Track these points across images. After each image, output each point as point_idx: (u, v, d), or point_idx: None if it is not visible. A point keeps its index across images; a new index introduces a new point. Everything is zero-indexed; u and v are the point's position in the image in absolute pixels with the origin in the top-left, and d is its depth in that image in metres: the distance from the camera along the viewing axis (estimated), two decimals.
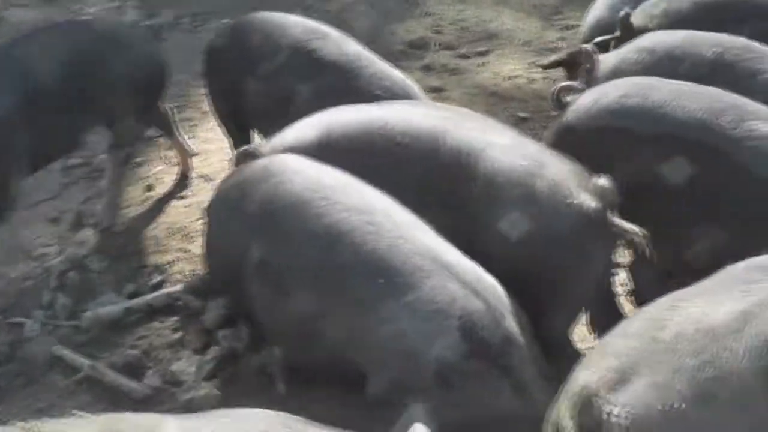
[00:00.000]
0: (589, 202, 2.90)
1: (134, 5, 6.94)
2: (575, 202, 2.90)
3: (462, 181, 2.98)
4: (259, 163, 3.15)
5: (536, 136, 4.56)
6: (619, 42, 4.06)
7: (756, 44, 3.66)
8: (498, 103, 5.20)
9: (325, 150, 3.15)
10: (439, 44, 5.93)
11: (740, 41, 3.69)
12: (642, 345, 2.15)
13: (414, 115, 3.22)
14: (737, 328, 2.02)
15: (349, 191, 2.86)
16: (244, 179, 3.12)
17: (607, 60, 3.84)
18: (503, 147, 3.04)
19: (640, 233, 2.87)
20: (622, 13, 4.23)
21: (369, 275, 2.66)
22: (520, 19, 6.30)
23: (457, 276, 2.64)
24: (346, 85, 3.74)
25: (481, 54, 5.73)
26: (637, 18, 4.22)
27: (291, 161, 3.06)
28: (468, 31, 6.12)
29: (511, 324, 2.63)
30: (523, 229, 2.89)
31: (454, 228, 2.87)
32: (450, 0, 6.57)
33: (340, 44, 3.95)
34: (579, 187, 2.94)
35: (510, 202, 2.92)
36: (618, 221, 2.90)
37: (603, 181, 2.95)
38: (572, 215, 2.89)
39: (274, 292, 2.84)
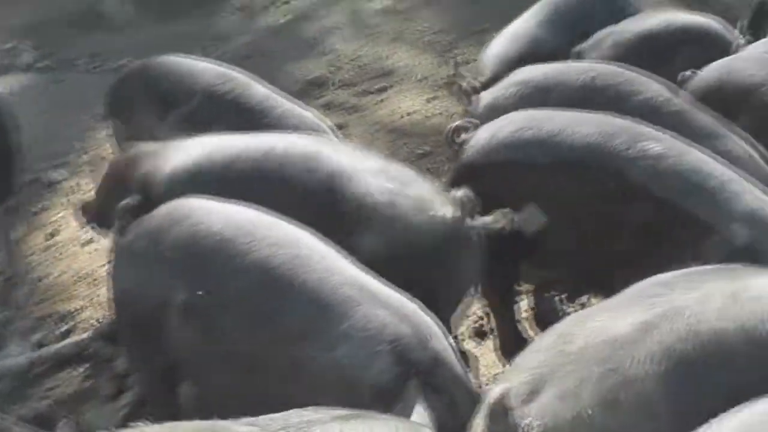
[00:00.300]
0: (450, 213, 3.09)
1: (28, 46, 6.88)
2: (438, 214, 3.09)
3: (336, 200, 3.13)
4: (162, 210, 3.13)
5: (436, 171, 4.70)
6: None
7: (626, 70, 3.82)
8: (398, 139, 5.30)
9: (208, 175, 3.26)
10: (338, 82, 6.03)
11: (610, 68, 3.86)
12: (551, 358, 2.25)
13: (290, 141, 3.36)
14: (640, 337, 2.13)
15: (270, 226, 2.91)
16: (152, 227, 3.10)
17: (483, 97, 3.96)
18: (372, 170, 3.20)
19: (500, 219, 3.08)
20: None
21: (303, 308, 2.72)
22: (417, 55, 6.42)
23: (383, 303, 2.72)
24: (257, 126, 3.79)
25: (380, 91, 5.83)
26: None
27: (195, 203, 3.07)
28: (366, 69, 6.22)
29: (437, 345, 2.72)
30: (392, 244, 3.02)
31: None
32: (347, 38, 6.67)
33: (250, 86, 4.01)
34: (440, 201, 3.13)
35: (379, 219, 3.08)
36: (478, 221, 3.10)
37: (461, 192, 3.12)
38: (436, 227, 3.08)
39: (204, 334, 2.86)
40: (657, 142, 3.19)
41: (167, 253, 2.99)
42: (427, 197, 3.16)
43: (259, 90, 4.01)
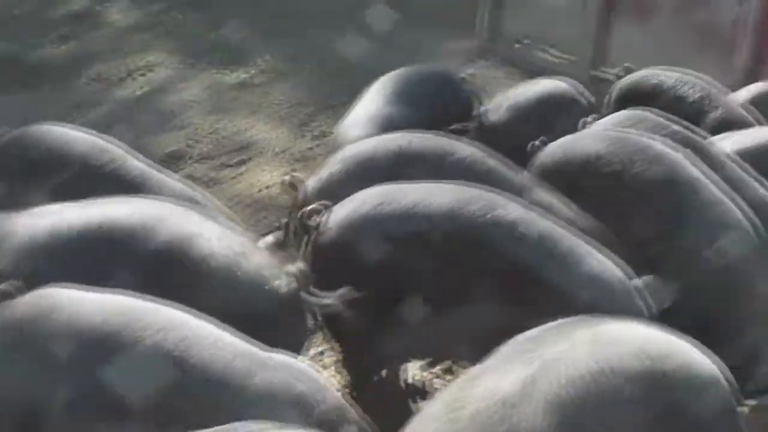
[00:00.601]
0: (286, 284, 3.17)
1: None
2: (272, 286, 3.16)
3: (174, 266, 3.16)
4: (26, 302, 2.96)
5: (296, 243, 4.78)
6: None
7: (437, 136, 4.06)
8: (257, 212, 5.38)
9: (50, 246, 3.22)
10: (196, 156, 6.07)
11: (428, 135, 4.07)
12: (445, 426, 2.34)
13: (135, 207, 3.37)
14: (526, 392, 2.28)
15: (149, 311, 2.87)
16: (17, 321, 2.91)
17: (312, 181, 4.07)
18: (213, 237, 3.26)
19: (333, 303, 3.21)
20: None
21: (202, 386, 2.72)
22: (274, 128, 6.53)
23: (275, 367, 2.77)
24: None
25: (239, 164, 5.91)
26: None
27: (62, 293, 2.95)
28: (224, 142, 6.30)
29: (334, 397, 2.79)
30: (227, 312, 3.00)
31: None
32: (204, 111, 6.74)
33: (125, 159, 4.02)
34: (276, 272, 3.21)
35: (216, 286, 3.14)
36: (312, 297, 3.21)
37: (296, 265, 3.23)
38: (271, 297, 3.15)
39: (93, 429, 2.80)
40: (511, 209, 3.36)
41: (37, 351, 2.82)
42: (264, 268, 3.23)
43: (134, 162, 4.04)
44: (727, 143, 4.49)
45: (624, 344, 2.41)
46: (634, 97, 5.04)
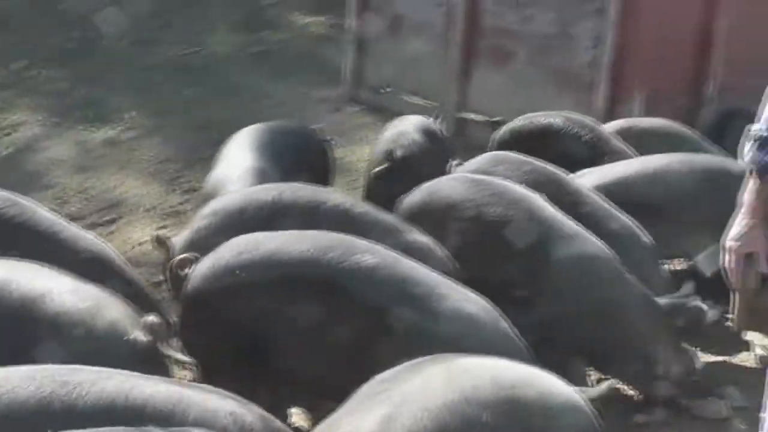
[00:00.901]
0: (142, 337, 3.16)
1: None
2: (129, 338, 3.15)
3: (28, 321, 3.14)
4: None
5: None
6: None
7: (307, 185, 4.18)
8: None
9: None
10: (66, 215, 5.97)
11: (295, 184, 4.18)
12: None
13: None
14: (387, 430, 2.34)
15: (45, 372, 2.75)
16: None
17: (181, 237, 4.14)
18: (67, 290, 3.25)
19: (189, 361, 3.27)
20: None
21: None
22: (144, 184, 6.50)
23: (205, 406, 2.70)
24: (43, 251, 3.75)
25: (109, 222, 5.86)
26: None
27: None
28: (93, 200, 6.23)
29: (276, 425, 2.79)
30: (83, 363, 2.98)
31: None
32: (72, 170, 6.67)
33: (34, 212, 3.98)
34: (132, 324, 3.20)
35: (71, 338, 3.11)
36: (169, 351, 3.22)
37: (152, 318, 3.21)
38: (127, 350, 3.13)
39: None
40: (370, 254, 3.41)
41: None
42: (119, 320, 3.21)
43: (43, 214, 4.01)
44: (589, 178, 4.68)
45: (478, 375, 2.49)
46: (519, 140, 5.23)
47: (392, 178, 5.04)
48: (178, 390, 2.72)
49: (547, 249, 3.91)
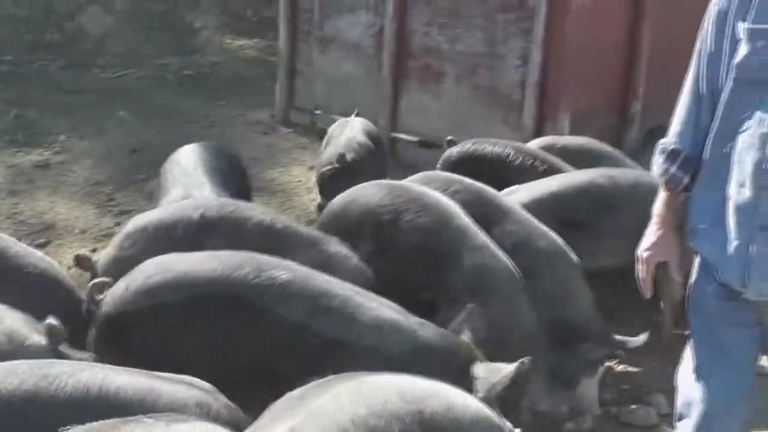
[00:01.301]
0: (41, 340, 3.20)
1: None
2: (28, 342, 3.18)
3: None
4: None
5: None
6: None
7: (239, 202, 4.24)
8: None
9: None
10: None
11: (220, 200, 4.28)
12: None
13: None
14: None
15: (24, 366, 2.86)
16: None
17: (106, 254, 4.15)
18: None
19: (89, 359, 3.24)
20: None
21: None
22: (75, 207, 6.46)
23: (175, 396, 2.77)
24: None
25: (41, 246, 5.80)
26: None
27: None
28: (25, 224, 6.17)
29: (241, 414, 2.85)
30: None
31: None
32: (2, 193, 6.61)
33: None
34: (31, 329, 3.24)
35: None
36: (69, 352, 3.23)
37: (51, 320, 3.22)
38: (27, 355, 3.09)
39: None
40: (281, 270, 3.42)
41: None
42: (17, 327, 3.23)
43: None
44: (518, 194, 4.79)
45: (386, 389, 2.52)
46: (466, 162, 5.33)
47: (342, 179, 5.22)
48: (147, 381, 2.81)
49: (455, 257, 3.99)
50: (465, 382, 3.06)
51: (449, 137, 5.77)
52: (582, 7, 6.66)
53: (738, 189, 2.67)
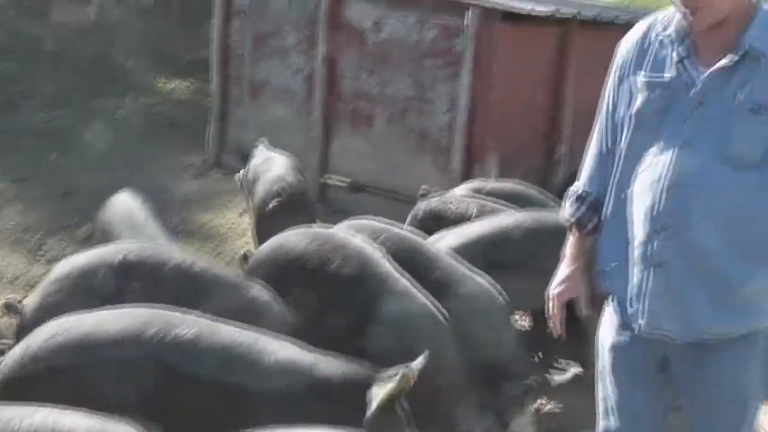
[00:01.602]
0: None
1: None
2: None
3: None
4: None
5: None
6: None
7: (158, 246, 4.29)
8: None
9: None
10: None
11: (137, 245, 4.24)
12: None
13: None
14: None
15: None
16: None
17: (33, 301, 4.07)
18: None
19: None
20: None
21: None
22: (6, 255, 6.44)
23: None
24: None
25: None
26: None
27: None
28: None
29: None
30: None
31: None
32: None
33: None
34: None
35: None
36: None
37: None
38: None
39: None
40: (188, 326, 3.37)
41: None
42: None
43: None
44: (447, 240, 4.88)
45: None
46: (436, 217, 5.41)
47: (282, 215, 5.32)
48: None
49: (375, 304, 4.04)
50: (362, 408, 3.11)
51: (424, 186, 5.82)
52: (508, 52, 6.80)
53: (634, 231, 2.81)
